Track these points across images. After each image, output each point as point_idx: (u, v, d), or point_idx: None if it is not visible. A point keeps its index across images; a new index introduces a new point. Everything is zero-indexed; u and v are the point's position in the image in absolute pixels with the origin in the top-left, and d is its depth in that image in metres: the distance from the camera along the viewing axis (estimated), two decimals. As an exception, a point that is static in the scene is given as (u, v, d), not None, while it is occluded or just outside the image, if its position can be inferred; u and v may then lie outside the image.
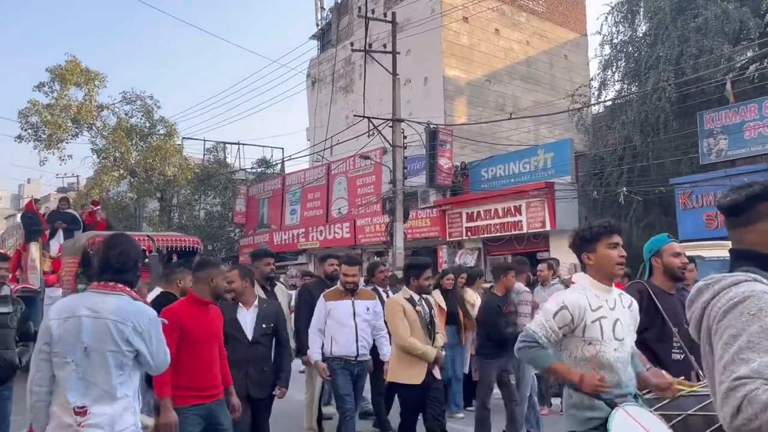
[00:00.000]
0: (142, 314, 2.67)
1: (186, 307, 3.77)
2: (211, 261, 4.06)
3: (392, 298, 5.07)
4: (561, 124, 21.87)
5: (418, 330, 4.82)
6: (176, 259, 10.22)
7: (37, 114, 23.39)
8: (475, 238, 18.14)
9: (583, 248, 2.87)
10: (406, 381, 4.81)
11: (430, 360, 4.80)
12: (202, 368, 3.70)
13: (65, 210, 11.97)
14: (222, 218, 28.35)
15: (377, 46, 18.00)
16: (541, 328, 2.77)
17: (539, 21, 25.38)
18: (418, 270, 5.03)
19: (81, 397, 2.52)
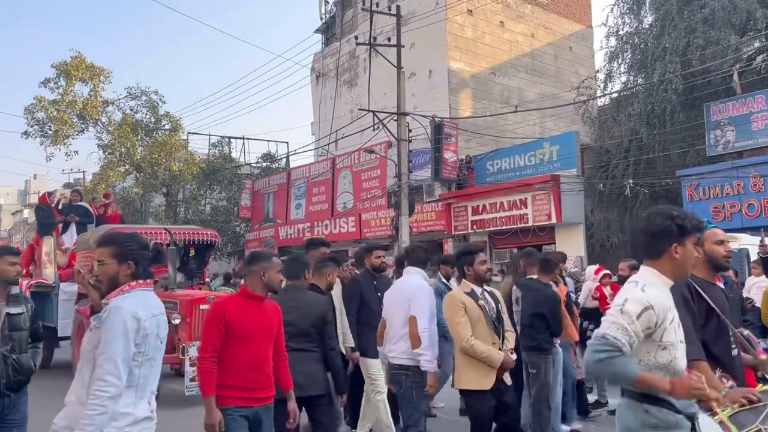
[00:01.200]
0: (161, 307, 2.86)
1: (235, 302, 3.58)
2: (263, 254, 3.78)
3: (451, 294, 4.49)
4: (566, 117, 21.78)
5: (483, 329, 4.23)
6: (194, 252, 10.25)
7: (43, 110, 23.41)
8: (481, 231, 18.11)
9: (674, 238, 2.48)
10: (476, 387, 4.22)
11: (495, 365, 4.19)
12: (251, 367, 3.46)
13: (78, 203, 11.85)
14: (227, 213, 28.39)
15: (382, 39, 17.96)
16: (623, 333, 2.31)
17: (544, 13, 25.25)
18: (471, 255, 4.42)
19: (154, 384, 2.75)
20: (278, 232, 24.85)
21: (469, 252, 4.46)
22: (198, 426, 6.70)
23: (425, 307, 4.48)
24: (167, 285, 8.96)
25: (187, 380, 7.55)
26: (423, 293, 4.53)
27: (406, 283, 4.76)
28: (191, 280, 10.07)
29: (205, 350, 3.43)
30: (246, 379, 3.44)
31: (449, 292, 4.68)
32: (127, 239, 2.86)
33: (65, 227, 11.13)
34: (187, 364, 7.56)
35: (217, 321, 3.40)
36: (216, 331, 3.40)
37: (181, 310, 8.30)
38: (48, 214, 11.15)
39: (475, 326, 4.19)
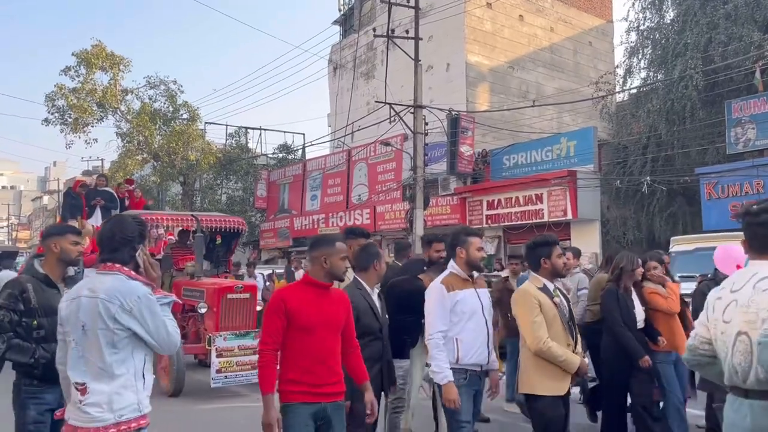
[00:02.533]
0: (131, 292, 2.63)
1: (297, 291, 3.33)
2: (326, 239, 3.50)
3: (523, 289, 3.96)
4: (584, 112, 21.61)
5: (558, 330, 3.78)
6: (220, 240, 10.09)
7: (63, 98, 23.70)
8: (496, 226, 18.07)
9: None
10: (550, 392, 3.77)
11: (572, 370, 3.78)
12: (317, 360, 3.20)
13: (103, 188, 11.79)
14: (243, 203, 28.57)
15: (400, 31, 17.89)
16: None
17: (564, 7, 25.02)
18: (549, 246, 3.96)
19: (81, 375, 2.59)
20: (293, 223, 24.97)
21: (546, 243, 4.01)
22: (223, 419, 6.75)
23: (431, 310, 3.93)
24: (194, 273, 8.78)
25: (213, 372, 7.39)
26: (430, 293, 3.99)
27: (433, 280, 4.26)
28: (217, 269, 9.90)
29: (264, 342, 3.21)
30: (311, 372, 3.18)
31: (521, 287, 4.12)
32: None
33: (91, 212, 11.11)
34: (214, 355, 7.39)
35: (277, 311, 3.18)
36: (277, 322, 3.17)
37: (208, 299, 8.08)
38: (76, 200, 11.25)
39: (549, 326, 3.75)
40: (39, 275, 3.54)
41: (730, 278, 2.62)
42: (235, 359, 7.51)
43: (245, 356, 7.50)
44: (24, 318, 3.43)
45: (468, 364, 3.86)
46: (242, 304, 8.13)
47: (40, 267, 3.59)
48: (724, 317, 2.48)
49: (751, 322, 2.33)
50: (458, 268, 3.97)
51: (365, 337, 3.73)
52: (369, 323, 3.86)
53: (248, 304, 8.20)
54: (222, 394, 7.79)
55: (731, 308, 2.45)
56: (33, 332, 3.42)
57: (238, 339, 7.62)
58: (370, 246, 4.26)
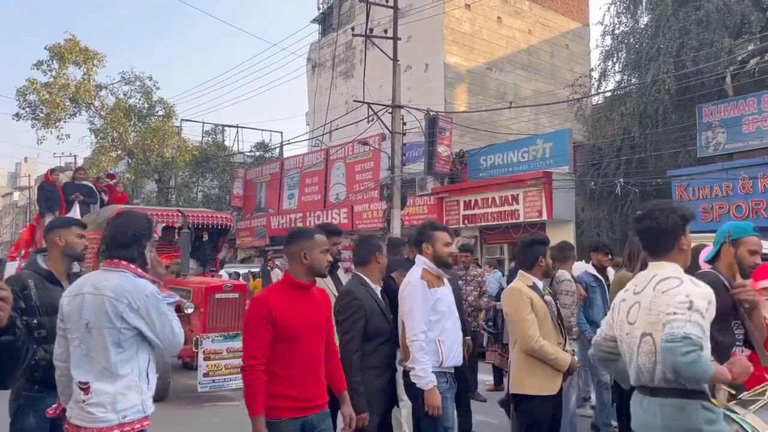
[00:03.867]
0: (139, 291, 2.57)
1: (281, 295, 2.98)
2: (302, 230, 3.19)
3: (515, 286, 3.87)
4: (561, 114, 21.87)
5: (549, 328, 3.76)
6: (207, 237, 9.62)
7: (35, 92, 23.23)
8: (472, 226, 18.19)
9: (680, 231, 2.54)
10: (541, 392, 3.72)
11: (563, 368, 3.73)
12: (304, 370, 2.94)
13: (82, 182, 11.18)
14: (219, 201, 28.34)
15: (378, 31, 17.93)
16: (700, 330, 2.26)
17: (542, 10, 25.28)
18: (544, 245, 3.98)
19: (84, 374, 2.54)
20: (270, 222, 24.85)
21: (542, 242, 4.00)
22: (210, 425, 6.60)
23: (414, 309, 3.58)
24: (179, 271, 8.39)
25: (201, 375, 7.07)
26: (411, 291, 3.64)
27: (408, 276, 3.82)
28: (204, 267, 9.51)
29: (253, 356, 2.86)
30: (299, 384, 2.93)
31: (512, 285, 3.95)
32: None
33: (68, 206, 10.54)
34: (201, 358, 7.07)
35: (263, 320, 2.85)
36: (264, 332, 2.85)
37: (194, 298, 7.74)
38: (52, 193, 10.59)
39: (541, 324, 3.71)
40: (42, 271, 3.32)
41: (633, 280, 2.72)
42: (224, 362, 7.19)
43: (234, 359, 7.14)
44: (24, 316, 3.16)
45: (449, 366, 3.68)
46: (231, 304, 7.82)
47: (43, 263, 3.37)
48: (629, 318, 2.57)
49: (653, 324, 2.42)
50: (430, 264, 3.74)
51: (374, 340, 3.46)
52: (379, 324, 3.55)
53: (237, 304, 7.88)
54: (209, 398, 7.53)
55: (634, 310, 2.54)
56: (33, 332, 3.19)
57: (227, 341, 7.29)
58: (370, 238, 3.99)
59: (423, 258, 3.77)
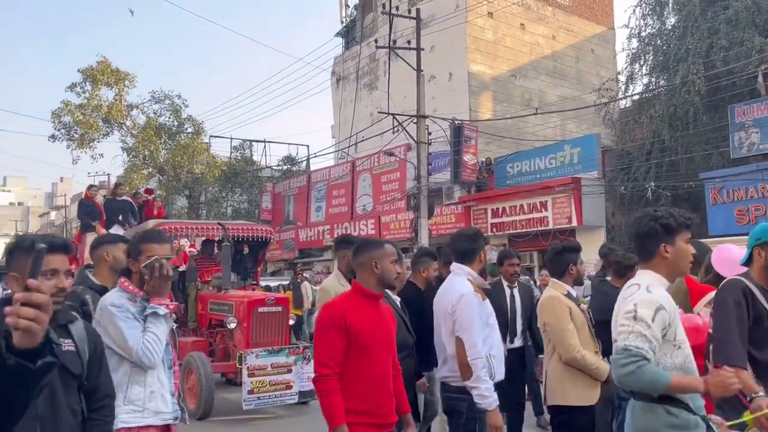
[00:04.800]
0: (101, 303, 2.74)
1: (354, 303, 2.86)
2: (373, 241, 3.15)
3: (552, 295, 3.74)
4: (588, 119, 21.64)
5: (587, 337, 3.66)
6: (247, 249, 9.46)
7: (70, 114, 23.91)
8: (501, 234, 18.05)
9: (661, 238, 2.46)
10: (583, 402, 3.61)
11: (602, 378, 3.61)
12: (375, 385, 2.80)
13: (122, 197, 11.19)
14: (249, 215, 28.64)
15: (402, 42, 18.00)
16: (644, 341, 2.24)
17: (565, 15, 25.11)
18: (576, 253, 3.85)
19: None
20: (298, 235, 25.02)
21: (574, 249, 3.87)
22: None
23: (473, 324, 3.39)
24: (221, 285, 8.20)
25: (245, 393, 6.77)
26: (468, 305, 3.42)
27: (450, 288, 3.58)
28: (245, 280, 9.24)
29: (326, 365, 2.73)
30: (372, 400, 2.79)
31: (549, 294, 3.81)
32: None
33: (109, 222, 10.52)
34: (245, 374, 6.77)
35: (338, 327, 2.74)
36: (337, 340, 2.73)
37: (237, 313, 7.50)
38: (91, 209, 10.52)
39: (579, 334, 3.61)
40: (96, 286, 3.27)
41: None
42: (268, 378, 6.88)
43: (279, 375, 6.90)
44: None
45: (497, 381, 3.53)
46: (274, 317, 7.56)
47: (93, 278, 3.34)
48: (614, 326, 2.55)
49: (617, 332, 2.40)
50: (476, 275, 3.56)
51: (398, 354, 3.31)
52: (402, 337, 3.42)
53: (280, 318, 7.65)
54: (254, 415, 7.27)
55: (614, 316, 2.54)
56: None
57: (271, 356, 6.97)
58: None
59: (466, 268, 3.58)
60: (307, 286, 15.20)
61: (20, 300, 1.28)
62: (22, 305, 1.28)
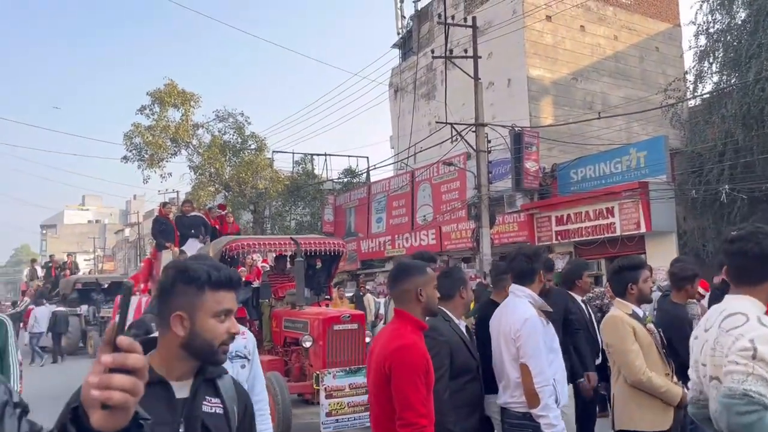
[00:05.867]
0: None
1: (418, 337, 2.70)
2: (413, 265, 2.87)
3: (615, 315, 3.57)
4: (654, 121, 20.88)
5: (655, 358, 3.44)
6: (320, 264, 9.26)
7: (140, 135, 25.01)
8: (566, 242, 17.62)
9: None
10: (651, 428, 3.41)
11: (674, 402, 3.39)
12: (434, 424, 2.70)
13: (192, 214, 11.14)
14: (311, 228, 29.11)
15: (459, 51, 17.93)
16: (765, 386, 1.93)
17: (627, 14, 24.39)
18: (636, 271, 3.62)
19: None
20: (360, 246, 25.19)
21: (634, 266, 3.66)
22: None
23: (539, 350, 3.28)
24: (294, 302, 7.89)
25: (323, 415, 6.50)
26: (533, 330, 3.32)
27: (512, 311, 3.46)
28: (318, 296, 8.91)
29: (424, 415, 2.57)
30: None
31: (611, 313, 3.63)
32: None
33: (182, 239, 10.48)
34: (323, 396, 6.49)
35: (424, 371, 2.60)
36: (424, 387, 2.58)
37: (312, 331, 7.19)
38: (166, 226, 10.47)
39: (646, 355, 3.41)
40: None
41: (706, 314, 2.38)
42: (347, 400, 6.56)
43: (357, 396, 6.55)
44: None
45: (562, 407, 3.40)
46: (351, 335, 7.23)
47: None
48: (702, 359, 2.25)
49: (718, 367, 2.10)
50: (536, 297, 3.47)
51: (461, 378, 3.20)
52: (465, 361, 3.26)
53: (357, 336, 7.31)
54: None
55: (705, 349, 2.22)
56: None
57: (349, 376, 6.65)
58: (454, 270, 3.64)
59: (527, 290, 3.47)
60: (369, 298, 15.26)
61: (109, 365, 0.95)
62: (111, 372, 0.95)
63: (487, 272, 14.94)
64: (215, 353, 1.57)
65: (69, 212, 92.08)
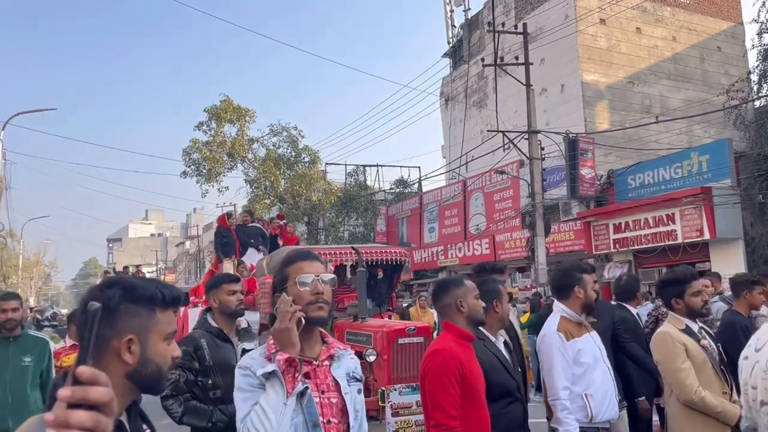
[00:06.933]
0: None
1: (457, 344, 2.74)
2: (450, 279, 2.98)
3: (664, 331, 3.46)
4: (717, 123, 20.08)
5: (710, 376, 3.30)
6: (381, 274, 8.94)
7: (198, 151, 25.76)
8: (624, 250, 17.09)
9: None
10: None
11: (731, 422, 3.23)
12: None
13: (252, 224, 11.14)
14: (364, 238, 29.26)
15: (510, 58, 17.72)
16: None
17: (686, 14, 23.62)
18: (680, 285, 3.48)
19: None
20: (413, 256, 25.13)
21: (677, 281, 3.50)
22: None
23: (552, 365, 3.31)
24: (356, 314, 7.56)
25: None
26: (548, 345, 3.36)
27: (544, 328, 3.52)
28: (380, 307, 8.61)
29: (452, 416, 2.60)
30: None
31: (661, 329, 3.52)
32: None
33: (243, 250, 10.49)
34: (389, 414, 6.15)
35: (456, 374, 2.64)
36: (456, 388, 2.63)
37: (376, 344, 6.84)
38: (228, 238, 10.50)
39: (699, 373, 3.28)
40: (212, 329, 3.27)
41: (756, 333, 2.20)
42: (414, 418, 6.15)
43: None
44: (200, 377, 3.14)
45: (601, 421, 3.32)
46: (416, 349, 6.89)
47: (212, 321, 3.33)
48: (752, 382, 2.08)
49: None
50: (570, 311, 3.44)
51: (501, 401, 3.06)
52: (503, 381, 3.11)
53: (422, 350, 6.87)
54: None
55: (756, 371, 2.05)
56: (209, 392, 3.13)
57: (416, 393, 6.20)
58: (486, 282, 3.40)
59: (561, 305, 3.47)
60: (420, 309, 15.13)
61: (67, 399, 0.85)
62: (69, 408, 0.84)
63: (543, 282, 14.66)
64: (161, 381, 1.39)
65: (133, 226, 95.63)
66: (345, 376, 2.00)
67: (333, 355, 2.02)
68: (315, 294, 1.97)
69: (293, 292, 1.96)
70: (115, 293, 1.32)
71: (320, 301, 1.98)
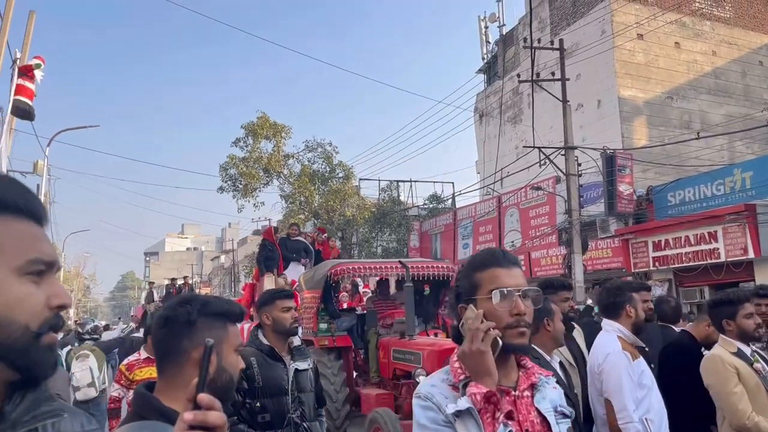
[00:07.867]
0: None
1: None
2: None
3: (715, 354, 3.38)
4: (761, 139, 19.63)
5: (763, 401, 3.21)
6: (428, 290, 8.74)
7: (234, 167, 26.16)
8: (665, 269, 16.71)
9: None
10: None
11: None
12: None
13: (296, 237, 11.02)
14: (398, 254, 29.20)
15: (545, 74, 17.65)
16: None
17: (726, 28, 23.21)
18: (732, 306, 3.39)
19: None
20: (447, 273, 25.00)
21: (729, 302, 3.42)
22: None
23: (621, 386, 3.12)
24: (404, 331, 7.18)
25: None
26: (615, 365, 3.17)
27: (598, 346, 3.35)
28: (426, 324, 8.21)
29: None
30: None
31: (711, 352, 3.43)
32: None
33: (286, 264, 10.40)
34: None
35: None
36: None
37: (426, 363, 6.46)
38: (272, 252, 10.41)
39: (753, 398, 3.18)
40: (264, 347, 3.13)
41: None
42: None
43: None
44: (248, 399, 2.98)
45: None
46: None
47: (264, 338, 3.17)
48: None
49: None
50: (627, 332, 3.32)
51: None
52: None
53: None
54: None
55: None
56: (257, 416, 2.98)
57: None
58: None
59: (616, 324, 3.35)
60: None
61: (189, 422, 0.97)
62: (190, 429, 0.97)
63: (581, 299, 14.42)
64: (233, 390, 1.49)
65: (170, 240, 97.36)
66: (552, 410, 1.58)
67: (535, 384, 1.60)
68: (515, 315, 1.54)
69: (485, 307, 1.53)
70: (193, 309, 1.45)
71: (522, 325, 1.54)
